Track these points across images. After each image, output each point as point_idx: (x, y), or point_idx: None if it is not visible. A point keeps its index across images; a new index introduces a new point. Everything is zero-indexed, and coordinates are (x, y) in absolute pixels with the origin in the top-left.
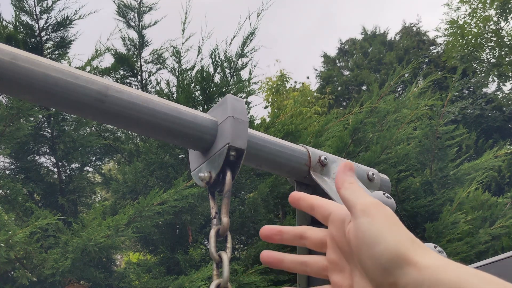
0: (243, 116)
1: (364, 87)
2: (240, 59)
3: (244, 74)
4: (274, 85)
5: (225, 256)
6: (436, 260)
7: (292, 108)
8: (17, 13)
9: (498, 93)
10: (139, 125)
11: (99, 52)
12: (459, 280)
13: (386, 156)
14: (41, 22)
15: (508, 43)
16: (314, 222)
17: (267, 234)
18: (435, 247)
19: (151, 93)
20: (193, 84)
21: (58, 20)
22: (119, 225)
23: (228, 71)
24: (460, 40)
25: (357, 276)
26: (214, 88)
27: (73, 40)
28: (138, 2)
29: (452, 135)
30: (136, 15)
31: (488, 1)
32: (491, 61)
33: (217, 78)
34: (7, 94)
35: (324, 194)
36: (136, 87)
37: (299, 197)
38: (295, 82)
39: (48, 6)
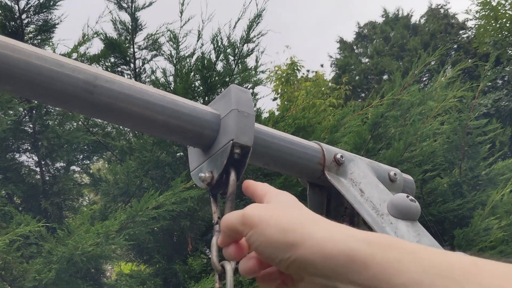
0: (249, 109)
1: (385, 77)
2: (245, 45)
3: (250, 61)
4: (284, 74)
5: (229, 267)
6: (325, 233)
7: (304, 100)
8: None
9: None
10: (132, 119)
11: (87, 37)
12: (350, 250)
13: (410, 154)
14: (22, 3)
15: None
16: None
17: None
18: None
19: (146, 83)
20: (192, 73)
21: (41, 0)
22: (110, 231)
23: (232, 58)
24: (493, 24)
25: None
26: (216, 78)
27: (58, 24)
28: None
29: (484, 131)
30: None
31: None
32: None
33: (219, 66)
34: None
35: (339, 196)
36: (129, 76)
37: (247, 185)
38: (308, 71)
39: None
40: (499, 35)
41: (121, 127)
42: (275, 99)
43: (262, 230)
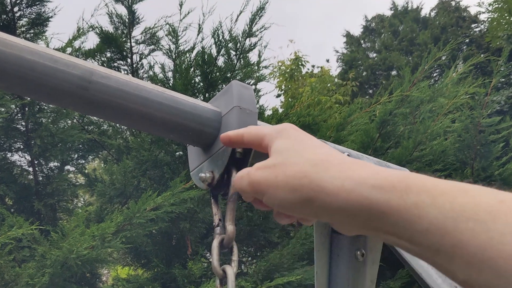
0: (251, 106)
1: (393, 72)
2: (247, 39)
3: (253, 56)
4: (288, 70)
5: (230, 271)
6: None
7: (309, 96)
8: None
9: None
10: (129, 117)
11: (81, 30)
12: (364, 199)
13: (419, 153)
14: None
15: None
16: (335, 230)
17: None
18: None
19: (143, 79)
20: (192, 69)
21: None
22: (106, 234)
23: (233, 53)
24: (507, 17)
25: None
26: (217, 73)
27: (51, 17)
28: None
29: (497, 128)
30: None
31: None
32: None
33: (220, 61)
34: None
35: None
36: (126, 71)
37: (228, 137)
38: (313, 66)
39: None
40: None
41: (117, 125)
42: (278, 95)
43: (274, 194)
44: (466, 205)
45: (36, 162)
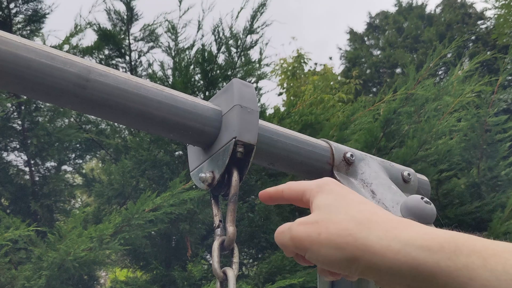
0: (252, 104)
1: (398, 70)
2: (248, 36)
3: (254, 54)
4: (290, 68)
5: (231, 273)
6: (394, 243)
7: (311, 95)
8: None
9: None
10: (127, 116)
11: (79, 27)
12: (412, 261)
13: (424, 153)
14: None
15: None
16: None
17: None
18: None
19: (142, 76)
20: (192, 66)
21: None
22: (104, 235)
23: (234, 50)
24: None
25: None
26: (218, 71)
27: (48, 14)
28: None
29: (504, 128)
30: None
31: None
32: None
33: (221, 59)
34: None
35: None
36: (124, 69)
37: (268, 194)
38: (315, 64)
39: None
40: None
41: (116, 124)
42: (280, 94)
43: (317, 251)
44: None
45: (32, 162)
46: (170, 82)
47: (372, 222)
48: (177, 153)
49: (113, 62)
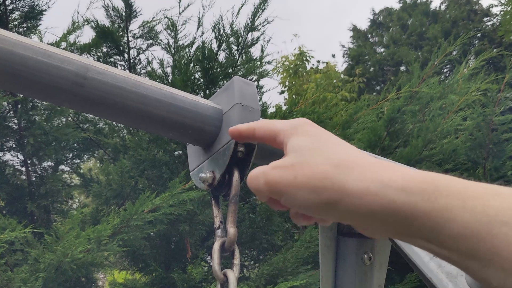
0: (253, 103)
1: (402, 68)
2: (250, 33)
3: (255, 51)
4: (292, 66)
5: (232, 275)
6: (371, 183)
7: (314, 93)
8: None
9: None
10: (126, 115)
11: (77, 24)
12: (389, 203)
13: (429, 152)
14: None
15: None
16: (341, 233)
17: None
18: None
19: (141, 74)
20: (192, 64)
21: None
22: (102, 237)
23: (235, 47)
24: None
25: None
26: (218, 69)
27: (45, 10)
28: None
29: (511, 127)
30: None
31: None
32: None
33: (221, 57)
34: None
35: None
36: (123, 67)
37: (238, 131)
38: (318, 62)
39: None
40: None
41: (114, 123)
42: (282, 92)
43: (293, 195)
44: (499, 208)
45: (29, 161)
46: (169, 80)
47: (349, 164)
48: (176, 152)
49: (112, 59)
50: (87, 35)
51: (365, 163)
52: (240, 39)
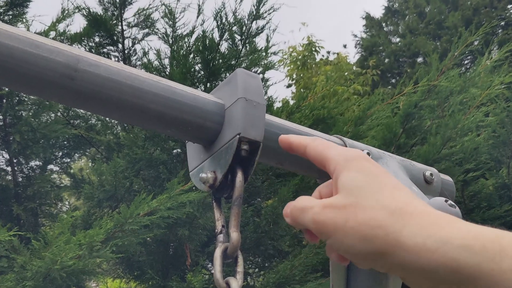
0: (258, 97)
1: (419, 59)
2: (254, 22)
3: (260, 41)
4: (300, 57)
5: (235, 284)
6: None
7: (323, 87)
8: None
9: None
10: (120, 110)
11: (66, 12)
12: (451, 261)
13: (448, 151)
14: None
15: None
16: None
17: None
18: None
19: (136, 66)
20: (191, 55)
21: None
22: (94, 242)
23: (238, 37)
24: None
25: None
26: (220, 60)
27: None
28: None
29: None
30: None
31: None
32: None
33: (223, 47)
34: None
35: None
36: (116, 58)
37: (289, 143)
38: (328, 53)
39: None
40: None
41: (107, 119)
42: (289, 85)
43: (341, 240)
44: None
45: (15, 160)
46: (167, 73)
47: (407, 214)
48: (175, 151)
49: (104, 50)
50: (78, 23)
51: (424, 214)
52: (244, 28)
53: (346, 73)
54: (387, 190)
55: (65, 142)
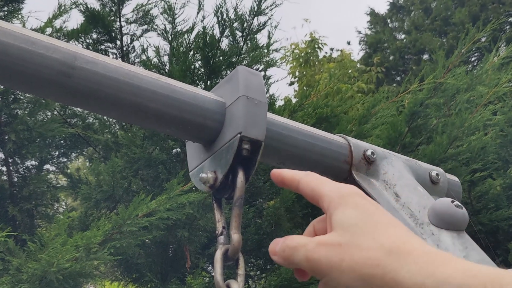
0: (260, 95)
1: (425, 56)
2: (256, 18)
3: (262, 38)
4: (303, 54)
5: (236, 286)
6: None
7: (327, 84)
8: None
9: None
10: (118, 108)
11: (63, 8)
12: None
13: (455, 150)
14: None
15: None
16: None
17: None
18: None
19: (135, 64)
20: (191, 52)
21: None
22: (91, 244)
23: (239, 34)
24: None
25: None
26: (221, 58)
27: None
28: None
29: None
30: None
31: None
32: None
33: (224, 44)
34: None
35: None
36: (115, 56)
37: (282, 178)
38: (331, 50)
39: None
40: None
41: (105, 117)
42: (292, 83)
43: (337, 279)
44: None
45: (10, 160)
46: (166, 70)
47: (404, 253)
48: (174, 150)
49: (102, 47)
50: (75, 19)
51: (421, 253)
52: (245, 24)
53: (350, 71)
54: (383, 228)
55: (62, 141)
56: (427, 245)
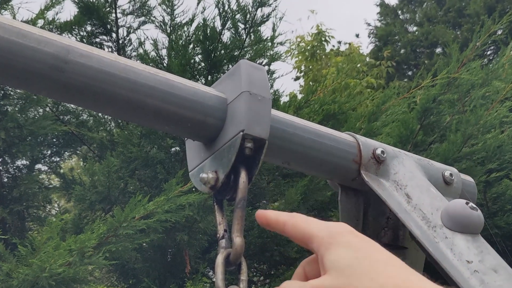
0: (263, 91)
1: (438, 50)
2: (259, 9)
3: (266, 30)
4: (309, 47)
5: None
6: None
7: (334, 79)
8: None
9: None
10: (113, 105)
11: None
12: None
13: (470, 149)
14: None
15: None
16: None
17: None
18: None
19: (132, 58)
20: (191, 45)
21: None
22: (86, 248)
23: (242, 26)
24: None
25: None
26: (222, 51)
27: None
28: None
29: None
30: None
31: None
32: None
33: (226, 37)
34: None
35: (380, 203)
36: (110, 49)
37: (266, 220)
38: (339, 43)
39: None
40: None
41: (100, 114)
42: (297, 78)
43: None
44: None
45: (0, 160)
46: (165, 64)
47: None
48: (173, 149)
49: (97, 40)
50: (68, 11)
51: None
52: (248, 16)
53: (358, 65)
54: (381, 267)
55: (54, 140)
56: (427, 280)
